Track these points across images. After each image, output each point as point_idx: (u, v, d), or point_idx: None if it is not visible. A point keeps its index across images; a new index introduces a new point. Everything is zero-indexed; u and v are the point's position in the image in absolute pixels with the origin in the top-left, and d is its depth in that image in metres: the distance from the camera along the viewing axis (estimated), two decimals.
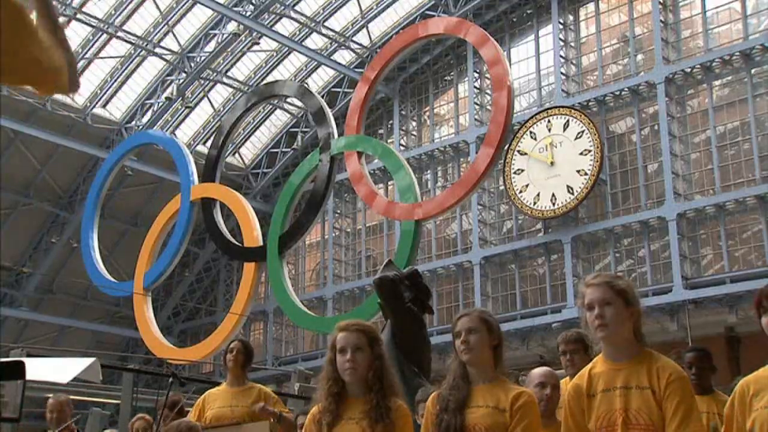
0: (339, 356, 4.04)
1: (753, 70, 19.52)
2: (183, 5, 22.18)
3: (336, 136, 12.88)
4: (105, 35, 22.28)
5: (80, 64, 22.62)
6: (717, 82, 20.15)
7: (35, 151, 22.83)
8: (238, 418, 6.21)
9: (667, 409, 3.48)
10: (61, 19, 2.17)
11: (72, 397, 8.49)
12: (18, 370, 3.06)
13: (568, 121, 20.89)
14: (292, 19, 22.93)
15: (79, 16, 21.43)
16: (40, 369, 3.38)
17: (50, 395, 8.33)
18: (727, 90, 20.09)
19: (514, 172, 21.21)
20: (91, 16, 21.70)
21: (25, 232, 24.38)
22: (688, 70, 20.15)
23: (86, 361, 3.45)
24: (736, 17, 20.12)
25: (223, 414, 6.30)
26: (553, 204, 20.52)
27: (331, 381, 4.05)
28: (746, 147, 19.36)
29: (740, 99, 19.67)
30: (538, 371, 4.88)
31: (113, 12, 21.97)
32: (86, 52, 22.49)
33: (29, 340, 23.02)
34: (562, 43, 21.95)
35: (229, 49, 23.35)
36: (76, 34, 22.07)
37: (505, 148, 18.86)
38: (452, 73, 24.14)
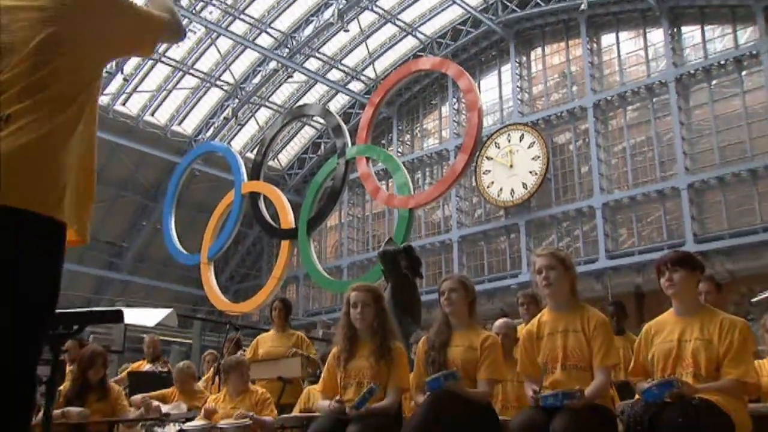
0: (352, 310, 4.06)
1: (654, 99, 19.55)
2: (237, 49, 22.22)
3: (350, 145, 12.82)
4: (180, 72, 22.32)
5: (161, 95, 22.73)
6: (629, 107, 20.13)
7: (130, 157, 22.87)
8: (282, 355, 6.26)
9: (593, 346, 3.52)
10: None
11: (158, 337, 8.53)
12: (119, 316, 3.09)
13: (523, 134, 20.88)
14: (318, 58, 22.92)
15: (162, 59, 21.57)
16: (134, 315, 3.39)
17: (144, 335, 8.36)
18: (637, 113, 20.08)
19: (483, 173, 21.20)
20: (171, 59, 21.82)
21: (123, 217, 24.46)
22: (609, 98, 20.16)
23: (167, 311, 3.45)
24: (642, 61, 20.15)
25: (271, 351, 6.38)
26: (512, 196, 20.54)
27: (346, 328, 4.08)
28: (650, 155, 19.40)
29: (645, 120, 19.72)
30: (496, 324, 4.89)
31: (187, 55, 22.04)
32: (167, 85, 22.58)
33: (128, 296, 23.18)
34: (518, 77, 21.91)
35: (270, 81, 23.38)
36: (160, 72, 22.28)
37: (477, 154, 18.86)
38: (437, 99, 24.09)
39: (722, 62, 18.42)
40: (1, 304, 1.75)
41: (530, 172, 20.30)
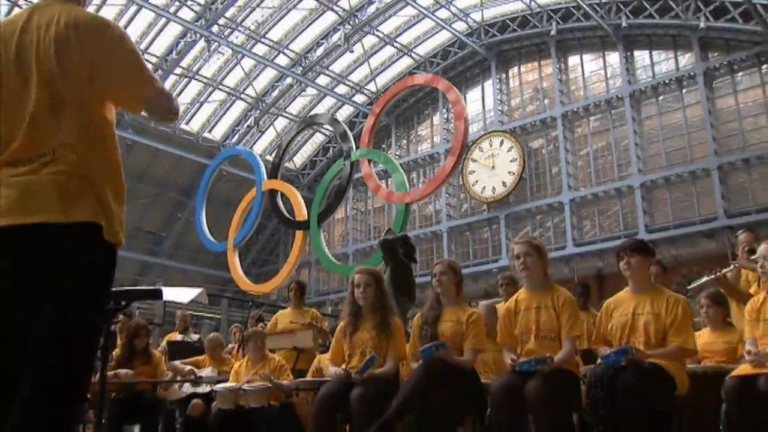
0: (356, 290, 4.07)
1: (612, 111, 19.54)
2: (259, 68, 22.18)
3: (354, 149, 12.78)
4: (211, 87, 22.30)
5: (195, 107, 22.68)
6: (592, 118, 20.12)
7: (168, 160, 22.87)
8: (297, 328, 6.27)
9: (562, 319, 3.54)
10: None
11: (191, 312, 8.58)
12: (159, 294, 3.11)
13: (502, 140, 20.86)
14: (327, 75, 22.87)
15: (196, 77, 21.60)
16: (171, 293, 3.41)
17: (177, 311, 8.40)
18: (598, 122, 20.08)
19: (469, 173, 21.18)
20: (202, 76, 21.78)
21: (162, 211, 24.44)
22: (575, 110, 20.13)
23: (198, 290, 3.48)
24: (602, 79, 20.09)
25: (289, 326, 6.39)
26: (494, 193, 20.53)
27: (351, 305, 4.10)
28: (609, 158, 19.40)
29: (605, 129, 19.68)
30: (485, 309, 4.84)
31: (216, 73, 22.00)
32: (200, 98, 22.53)
33: (166, 277, 23.19)
34: (498, 91, 21.87)
35: (287, 94, 23.33)
36: (194, 87, 22.20)
37: (463, 157, 18.80)
38: (429, 109, 24.02)
39: (667, 81, 18.69)
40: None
41: (509, 173, 20.31)
